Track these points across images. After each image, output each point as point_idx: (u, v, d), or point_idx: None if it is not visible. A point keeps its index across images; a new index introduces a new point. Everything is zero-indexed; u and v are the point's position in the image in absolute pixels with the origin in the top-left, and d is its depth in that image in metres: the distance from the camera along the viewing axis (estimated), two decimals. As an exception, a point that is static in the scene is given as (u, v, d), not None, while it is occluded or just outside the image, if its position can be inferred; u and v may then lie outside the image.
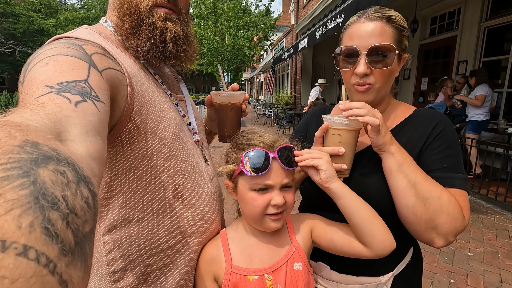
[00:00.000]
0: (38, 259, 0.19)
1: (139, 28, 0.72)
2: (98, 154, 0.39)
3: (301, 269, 0.81)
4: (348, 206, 0.74)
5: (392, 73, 0.84)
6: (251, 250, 0.82)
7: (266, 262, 0.80)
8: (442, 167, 0.78)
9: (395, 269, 0.87)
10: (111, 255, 0.71)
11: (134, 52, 0.74)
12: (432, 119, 0.85)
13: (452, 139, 0.81)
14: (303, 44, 7.54)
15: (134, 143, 0.68)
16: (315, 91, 8.29)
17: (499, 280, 2.49)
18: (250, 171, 0.73)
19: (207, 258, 0.82)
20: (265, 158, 0.74)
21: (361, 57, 0.81)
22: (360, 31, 0.82)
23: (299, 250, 0.83)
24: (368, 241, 0.73)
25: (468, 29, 5.80)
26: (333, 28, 5.25)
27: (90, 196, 0.28)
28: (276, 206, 0.75)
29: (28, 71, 0.50)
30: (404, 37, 0.83)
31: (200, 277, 0.82)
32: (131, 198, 0.71)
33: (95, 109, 0.45)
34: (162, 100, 0.76)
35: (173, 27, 0.75)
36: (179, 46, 0.77)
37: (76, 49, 0.57)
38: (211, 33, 15.07)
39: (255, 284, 0.77)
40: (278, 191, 0.76)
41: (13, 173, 0.22)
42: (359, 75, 0.82)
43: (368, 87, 0.83)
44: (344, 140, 0.79)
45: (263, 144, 0.77)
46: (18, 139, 0.26)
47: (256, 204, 0.76)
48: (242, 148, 0.79)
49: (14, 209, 0.20)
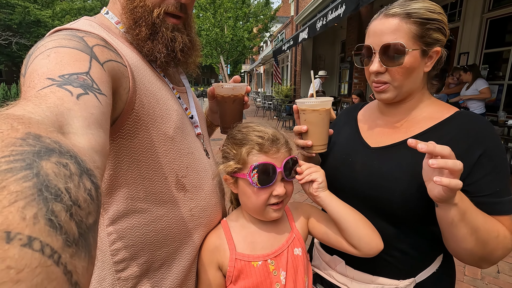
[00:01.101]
0: (43, 250, 0.19)
1: (156, 35, 0.74)
2: (100, 146, 0.39)
3: (300, 254, 0.85)
4: (335, 212, 0.79)
5: (412, 70, 0.79)
6: (253, 237, 0.85)
7: (269, 248, 0.84)
8: (493, 192, 0.72)
9: (417, 275, 0.82)
10: (115, 246, 0.72)
11: (151, 57, 0.75)
12: (478, 131, 0.76)
13: (501, 156, 0.75)
14: (303, 35, 7.47)
15: (136, 135, 0.69)
16: (315, 83, 8.25)
17: (496, 270, 2.53)
18: (257, 183, 0.77)
19: (210, 248, 0.84)
20: (272, 172, 0.77)
21: (375, 55, 0.80)
22: (376, 29, 0.81)
23: (298, 237, 0.88)
24: (355, 243, 0.78)
25: (470, 20, 5.74)
26: (334, 19, 5.20)
27: (93, 188, 0.28)
28: (278, 197, 0.79)
29: (29, 63, 0.50)
30: (430, 30, 0.77)
31: (203, 266, 0.83)
32: (134, 190, 0.72)
33: (96, 101, 0.45)
34: (164, 92, 0.77)
35: (181, 37, 0.77)
36: (185, 53, 0.80)
37: (77, 41, 0.56)
38: (210, 24, 14.91)
39: (259, 269, 0.80)
40: (280, 182, 0.80)
41: (16, 166, 0.22)
42: (372, 73, 0.82)
43: (385, 86, 0.82)
44: (309, 118, 0.87)
45: (263, 140, 0.79)
46: (20, 131, 0.26)
47: (259, 198, 0.79)
48: (241, 144, 0.80)
49: (18, 201, 0.20)
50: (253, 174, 0.77)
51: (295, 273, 0.82)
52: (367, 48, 0.82)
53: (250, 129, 0.82)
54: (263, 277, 0.79)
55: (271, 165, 0.77)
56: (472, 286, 2.34)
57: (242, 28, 15.36)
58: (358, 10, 4.91)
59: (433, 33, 0.78)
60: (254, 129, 0.82)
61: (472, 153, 0.74)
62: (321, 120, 0.87)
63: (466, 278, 2.42)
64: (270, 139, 0.79)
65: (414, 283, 0.82)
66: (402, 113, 0.89)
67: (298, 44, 8.58)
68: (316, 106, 0.85)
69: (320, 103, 0.85)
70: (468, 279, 2.41)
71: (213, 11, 14.98)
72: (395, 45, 0.77)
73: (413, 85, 0.83)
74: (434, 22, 0.78)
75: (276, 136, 0.81)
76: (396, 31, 0.77)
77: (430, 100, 0.88)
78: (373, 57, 0.81)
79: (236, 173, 0.80)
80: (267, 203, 0.80)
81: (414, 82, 0.83)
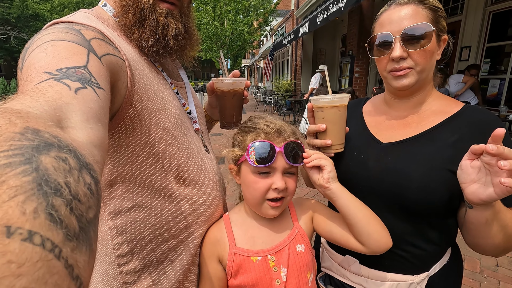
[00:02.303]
0: (44, 244, 0.19)
1: (143, 22, 0.71)
2: (99, 141, 0.39)
3: (303, 251, 0.83)
4: (345, 206, 0.76)
5: (432, 54, 0.80)
6: (253, 232, 0.84)
7: (269, 243, 0.82)
8: None
9: (431, 269, 0.83)
10: (117, 240, 0.73)
11: (139, 45, 0.73)
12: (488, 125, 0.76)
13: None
14: (304, 29, 7.41)
15: (135, 130, 0.69)
16: (316, 78, 8.21)
17: (495, 264, 2.55)
18: (254, 162, 0.75)
19: (211, 240, 0.84)
20: (270, 150, 0.75)
21: (395, 41, 0.79)
22: (391, 17, 0.81)
23: (301, 233, 0.85)
24: (364, 240, 0.75)
25: (472, 14, 5.68)
26: (335, 13, 5.15)
27: (92, 182, 0.28)
28: (277, 190, 0.76)
29: (26, 56, 0.50)
30: (440, 18, 0.80)
31: (204, 259, 0.84)
32: (135, 185, 0.72)
33: (95, 96, 0.44)
34: (163, 87, 0.76)
35: (175, 24, 0.75)
36: (179, 42, 0.77)
37: (74, 34, 0.56)
38: (210, 18, 14.79)
39: (258, 264, 0.79)
40: (280, 175, 0.77)
41: (15, 160, 0.22)
42: (395, 60, 0.80)
43: (408, 70, 0.80)
44: (328, 116, 0.83)
45: (269, 129, 0.78)
46: (18, 126, 0.25)
47: (257, 187, 0.77)
48: (248, 131, 0.81)
49: (18, 196, 0.20)
50: (250, 151, 0.76)
51: (297, 270, 0.81)
52: (385, 36, 0.81)
53: (261, 119, 0.82)
54: (262, 273, 0.79)
55: (269, 143, 0.75)
56: (471, 279, 2.36)
57: (242, 22, 15.23)
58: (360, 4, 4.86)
59: (442, 21, 0.81)
60: (265, 119, 0.82)
61: None
62: (340, 117, 0.84)
63: (466, 271, 2.44)
64: (277, 129, 0.79)
65: (428, 276, 0.83)
66: (411, 108, 0.89)
67: (298, 38, 8.51)
68: (335, 102, 0.82)
69: (338, 99, 0.82)
70: (467, 272, 2.43)
71: (213, 5, 14.84)
72: (420, 25, 0.77)
73: (430, 71, 0.83)
74: (441, 10, 0.81)
75: (284, 127, 0.80)
76: (416, 15, 0.78)
77: (436, 95, 0.89)
78: (393, 44, 0.80)
79: (239, 160, 0.81)
80: (266, 196, 0.78)
81: (431, 69, 0.83)
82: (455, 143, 0.77)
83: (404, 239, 0.81)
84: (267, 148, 0.75)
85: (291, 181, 0.80)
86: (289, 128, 0.82)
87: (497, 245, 0.73)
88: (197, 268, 0.86)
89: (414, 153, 0.81)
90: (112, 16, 0.74)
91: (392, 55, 0.80)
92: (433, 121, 0.83)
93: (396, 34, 0.79)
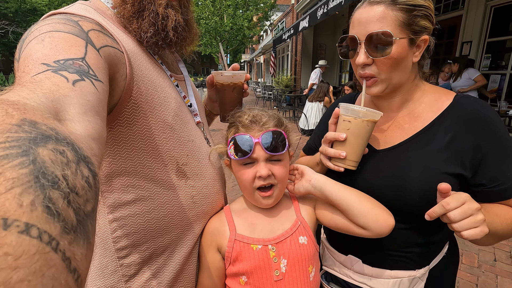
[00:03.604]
0: (41, 236, 0.19)
1: (142, 13, 0.70)
2: (97, 134, 0.38)
3: (306, 243, 0.82)
4: (333, 193, 0.77)
5: (399, 61, 0.76)
6: (252, 219, 0.85)
7: (268, 232, 0.82)
8: (506, 179, 0.74)
9: (431, 262, 0.85)
10: (117, 233, 0.73)
11: (137, 37, 0.72)
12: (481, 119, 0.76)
13: (505, 137, 0.75)
14: (304, 24, 7.36)
15: (135, 123, 0.68)
16: (315, 73, 8.17)
17: (493, 258, 2.56)
18: (234, 155, 0.78)
19: (210, 230, 0.85)
20: (247, 141, 0.76)
21: (360, 46, 0.77)
22: (360, 17, 0.77)
23: (304, 224, 0.84)
24: (362, 222, 0.74)
25: (474, 8, 5.63)
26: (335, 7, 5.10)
27: (90, 175, 0.28)
28: (262, 178, 0.77)
29: (23, 47, 0.49)
30: (417, 18, 0.74)
31: (203, 250, 0.85)
32: (135, 178, 0.72)
33: (93, 88, 0.44)
34: (162, 80, 0.75)
35: (174, 15, 0.74)
36: (179, 33, 0.76)
37: (72, 25, 0.55)
38: (209, 12, 14.66)
39: (258, 253, 0.79)
40: (264, 163, 0.78)
41: (12, 152, 0.22)
42: (359, 65, 0.79)
43: (373, 80, 0.79)
44: (354, 128, 0.77)
45: (244, 120, 0.80)
46: (15, 118, 0.25)
47: (244, 178, 0.79)
48: (230, 126, 0.84)
49: (15, 188, 0.20)
50: (230, 146, 0.78)
51: (298, 262, 0.80)
52: (352, 38, 0.79)
53: (242, 113, 0.83)
54: (261, 262, 0.78)
55: (247, 135, 0.77)
56: (469, 274, 2.37)
57: (241, 16, 15.10)
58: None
59: (420, 21, 0.75)
60: (244, 111, 0.83)
61: (481, 144, 0.74)
62: (366, 133, 0.78)
63: (463, 266, 2.46)
64: (251, 119, 0.79)
65: (429, 269, 0.84)
66: (398, 107, 0.87)
67: (298, 33, 8.46)
68: (367, 115, 0.76)
69: (372, 112, 0.75)
70: (465, 267, 2.45)
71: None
72: (382, 33, 0.73)
73: (402, 76, 0.80)
74: (420, 9, 0.74)
75: (260, 116, 0.80)
76: (382, 19, 0.73)
77: (425, 88, 0.86)
78: (358, 48, 0.77)
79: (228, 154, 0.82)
80: (254, 185, 0.78)
81: (403, 74, 0.79)
82: (450, 143, 0.76)
83: (407, 241, 0.82)
84: (244, 140, 0.77)
85: (277, 167, 0.79)
86: (267, 116, 0.81)
87: (490, 243, 0.77)
88: (196, 259, 0.86)
89: (409, 159, 0.79)
90: (110, 8, 0.73)
91: (356, 61, 0.78)
92: (425, 120, 0.81)
93: (361, 38, 0.77)
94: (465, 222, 0.60)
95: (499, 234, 0.73)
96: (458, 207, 0.61)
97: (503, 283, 2.27)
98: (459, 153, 0.75)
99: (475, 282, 2.29)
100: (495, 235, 0.73)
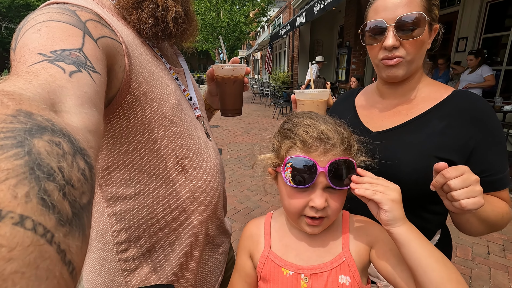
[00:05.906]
0: (35, 228, 0.19)
1: (142, 3, 0.69)
2: (94, 126, 0.38)
3: (347, 284, 0.67)
4: (411, 257, 0.57)
5: (423, 44, 0.80)
6: (289, 240, 0.74)
7: (302, 259, 0.71)
8: (497, 170, 0.78)
9: None
10: (116, 227, 0.73)
11: (137, 28, 0.71)
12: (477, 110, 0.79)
13: (499, 130, 0.79)
14: (301, 19, 7.33)
15: (134, 115, 0.68)
16: (312, 69, 8.16)
17: (487, 251, 2.60)
18: (290, 181, 0.63)
19: (247, 234, 0.81)
20: (311, 171, 0.61)
21: (388, 29, 0.79)
22: (386, 3, 0.80)
23: (349, 262, 0.68)
24: None
25: (470, 4, 5.64)
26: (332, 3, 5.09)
27: (86, 168, 0.28)
28: (315, 209, 0.63)
29: (19, 37, 0.48)
30: (434, 6, 0.80)
31: (238, 250, 0.82)
32: (134, 171, 0.71)
33: (90, 80, 0.43)
34: (161, 72, 0.75)
35: (174, 6, 0.73)
36: (179, 25, 0.75)
37: (70, 15, 0.54)
38: (206, 8, 14.50)
39: (288, 279, 0.69)
40: (321, 191, 0.63)
41: (7, 143, 0.21)
42: (387, 48, 0.80)
43: (398, 60, 0.80)
44: (308, 108, 0.89)
45: (307, 136, 0.63)
46: (11, 108, 0.25)
47: (293, 202, 0.66)
48: (285, 136, 0.68)
49: (9, 179, 0.20)
50: (286, 168, 0.63)
51: None
52: (379, 23, 0.80)
53: (301, 120, 0.67)
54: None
55: (311, 161, 0.61)
56: (463, 266, 2.41)
57: (238, 12, 14.97)
58: (357, -7, 4.80)
59: (435, 10, 0.81)
60: (305, 121, 0.66)
61: (474, 134, 0.77)
62: (319, 110, 0.90)
63: (458, 259, 2.49)
64: (316, 137, 0.63)
65: None
66: (401, 94, 0.90)
67: (295, 28, 8.42)
68: (315, 96, 0.89)
69: (319, 93, 0.89)
70: (459, 260, 2.48)
71: (209, -6, 14.55)
72: (416, 16, 0.76)
73: (420, 61, 0.84)
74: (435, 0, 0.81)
75: (327, 133, 0.63)
76: (410, 3, 0.77)
77: (427, 81, 0.90)
78: (386, 32, 0.80)
79: (277, 168, 0.70)
80: (302, 212, 0.66)
81: (421, 58, 0.84)
82: (444, 129, 0.79)
83: None
84: (307, 167, 0.61)
85: (334, 198, 0.65)
86: (335, 132, 0.64)
87: (481, 232, 0.79)
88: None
89: (402, 141, 0.83)
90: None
91: (385, 43, 0.80)
92: (422, 108, 0.85)
93: (390, 22, 0.79)
94: (465, 190, 0.61)
95: (490, 222, 0.74)
96: (458, 176, 0.62)
97: (496, 275, 2.31)
98: (452, 140, 0.78)
99: (469, 274, 2.33)
100: (487, 222, 0.74)
